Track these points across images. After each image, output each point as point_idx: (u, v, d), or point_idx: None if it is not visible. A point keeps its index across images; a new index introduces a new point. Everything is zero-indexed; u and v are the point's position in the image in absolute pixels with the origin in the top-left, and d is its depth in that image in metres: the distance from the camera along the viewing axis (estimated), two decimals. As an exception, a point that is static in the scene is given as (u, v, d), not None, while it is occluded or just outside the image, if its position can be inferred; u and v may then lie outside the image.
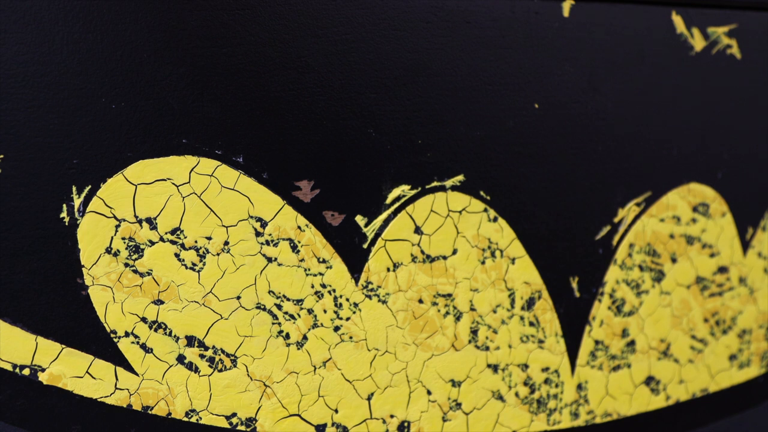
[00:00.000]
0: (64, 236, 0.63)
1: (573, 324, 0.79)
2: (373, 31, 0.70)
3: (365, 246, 0.71)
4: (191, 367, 0.66)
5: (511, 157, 0.75)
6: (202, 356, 0.67)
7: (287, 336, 0.69)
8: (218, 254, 0.67)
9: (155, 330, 0.65)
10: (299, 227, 0.69)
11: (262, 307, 0.68)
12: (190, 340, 0.66)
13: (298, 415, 0.69)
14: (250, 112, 0.67)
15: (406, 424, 0.73)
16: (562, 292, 0.78)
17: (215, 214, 0.67)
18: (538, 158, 0.76)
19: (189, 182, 0.66)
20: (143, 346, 0.65)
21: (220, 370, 0.67)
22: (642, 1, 0.78)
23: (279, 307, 0.69)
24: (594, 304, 0.79)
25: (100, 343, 0.64)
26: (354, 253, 0.71)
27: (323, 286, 0.70)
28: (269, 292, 0.68)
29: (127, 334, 0.65)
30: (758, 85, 0.84)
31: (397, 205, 0.72)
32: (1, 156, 0.61)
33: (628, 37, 0.78)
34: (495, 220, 0.75)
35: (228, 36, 0.66)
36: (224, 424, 0.67)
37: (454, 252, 0.74)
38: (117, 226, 0.64)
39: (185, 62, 0.65)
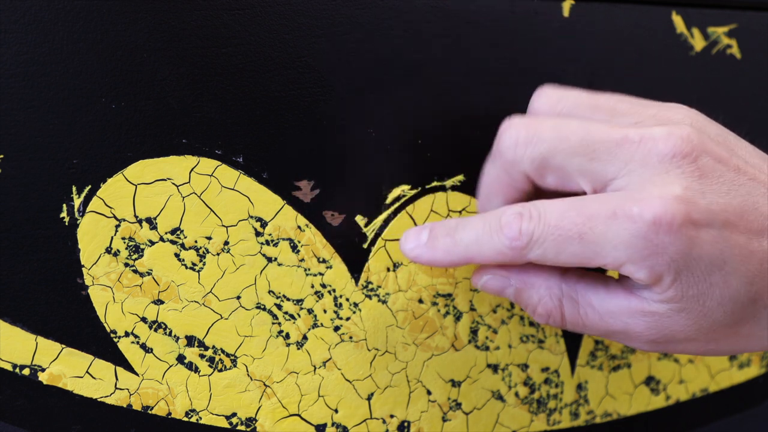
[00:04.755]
0: (64, 236, 0.63)
1: (573, 324, 0.79)
2: (373, 31, 0.70)
3: (365, 246, 0.71)
4: (191, 367, 0.66)
5: (511, 157, 0.75)
6: (202, 356, 0.67)
7: (287, 336, 0.69)
8: (218, 254, 0.67)
9: (155, 330, 0.65)
10: (299, 227, 0.69)
11: (262, 307, 0.68)
12: (190, 340, 0.66)
13: (298, 415, 0.69)
14: (250, 112, 0.67)
15: (406, 424, 0.73)
16: (562, 292, 0.78)
17: (215, 214, 0.67)
18: (538, 158, 0.76)
19: (189, 182, 0.66)
20: (143, 346, 0.65)
21: (220, 370, 0.67)
22: (642, 1, 0.78)
23: (279, 307, 0.69)
24: (594, 304, 0.79)
25: (100, 343, 0.64)
26: (354, 253, 0.71)
27: (323, 286, 0.70)
28: (269, 292, 0.68)
29: (127, 334, 0.65)
30: (758, 85, 0.84)
31: (397, 205, 0.72)
32: (1, 156, 0.61)
33: (628, 37, 0.78)
34: (495, 220, 0.75)
35: (228, 36, 0.66)
36: (224, 424, 0.67)
37: (454, 252, 0.74)
38: (117, 226, 0.64)
39: (185, 62, 0.65)
